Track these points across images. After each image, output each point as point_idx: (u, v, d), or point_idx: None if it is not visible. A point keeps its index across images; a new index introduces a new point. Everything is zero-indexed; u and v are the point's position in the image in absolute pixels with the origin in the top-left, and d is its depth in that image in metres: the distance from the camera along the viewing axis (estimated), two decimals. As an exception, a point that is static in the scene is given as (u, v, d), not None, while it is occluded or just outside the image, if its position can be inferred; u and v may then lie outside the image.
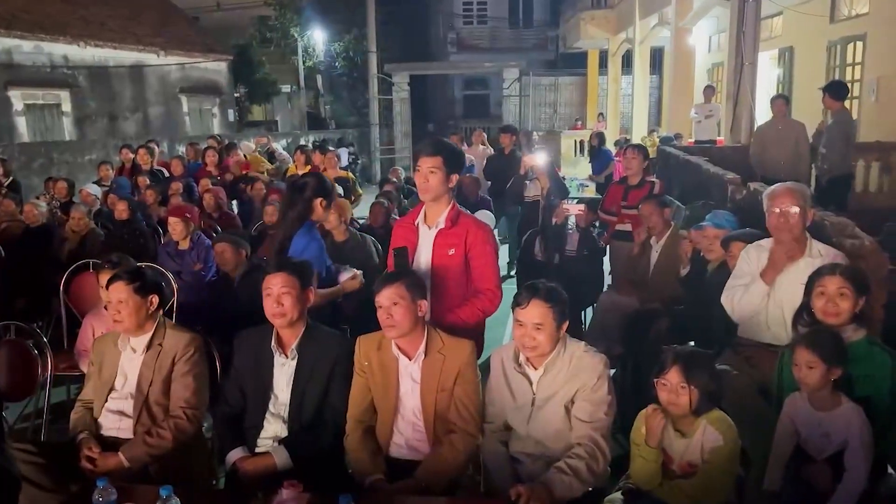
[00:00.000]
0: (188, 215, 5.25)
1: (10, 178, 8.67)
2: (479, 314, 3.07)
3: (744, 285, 3.28)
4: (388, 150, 21.13)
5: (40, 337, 3.62)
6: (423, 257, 3.13)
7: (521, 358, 2.67)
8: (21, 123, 16.01)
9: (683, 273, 4.32)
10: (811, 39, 12.51)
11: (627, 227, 5.59)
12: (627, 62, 19.46)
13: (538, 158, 4.92)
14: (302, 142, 18.94)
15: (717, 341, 3.59)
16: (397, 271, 2.96)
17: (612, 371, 4.06)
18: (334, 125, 26.99)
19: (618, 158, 14.77)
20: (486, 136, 11.05)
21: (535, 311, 2.54)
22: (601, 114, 21.65)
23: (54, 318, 5.36)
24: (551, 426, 2.60)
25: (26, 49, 16.20)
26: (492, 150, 9.91)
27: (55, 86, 16.99)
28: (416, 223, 3.18)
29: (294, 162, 9.50)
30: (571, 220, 5.26)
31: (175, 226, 5.15)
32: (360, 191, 9.26)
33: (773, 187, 3.32)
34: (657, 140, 13.07)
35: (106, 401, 2.94)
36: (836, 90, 7.11)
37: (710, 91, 11.88)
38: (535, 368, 2.63)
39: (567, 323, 2.60)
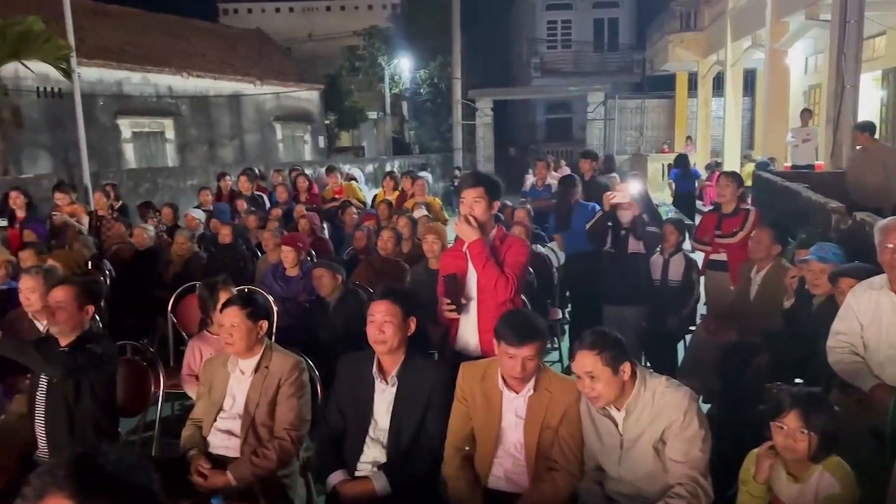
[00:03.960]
0: (300, 244, 5.45)
1: (120, 203, 9.21)
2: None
3: (853, 359, 3.18)
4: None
5: (154, 356, 3.82)
6: (473, 282, 3.27)
7: None
8: (129, 150, 17.07)
9: (787, 305, 4.16)
10: (918, 59, 11.91)
11: (722, 256, 5.43)
12: (718, 84, 19.01)
13: (632, 186, 4.84)
14: (388, 167, 19.35)
15: (822, 379, 3.44)
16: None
17: (708, 406, 3.97)
18: (418, 150, 27.47)
19: (708, 183, 14.53)
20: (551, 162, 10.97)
21: (583, 362, 2.50)
22: (689, 137, 21.21)
23: (158, 336, 5.66)
24: (643, 468, 2.55)
25: (134, 80, 17.30)
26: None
27: (160, 114, 18.04)
28: (464, 250, 3.28)
29: (383, 187, 9.73)
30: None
31: (288, 254, 5.34)
32: (447, 216, 9.38)
33: (885, 221, 3.18)
34: (752, 169, 12.68)
35: (215, 420, 3.08)
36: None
37: (807, 114, 11.46)
38: (619, 410, 2.58)
39: (627, 363, 2.51)
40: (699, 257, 5.68)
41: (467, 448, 2.83)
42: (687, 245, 5.67)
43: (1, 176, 11.29)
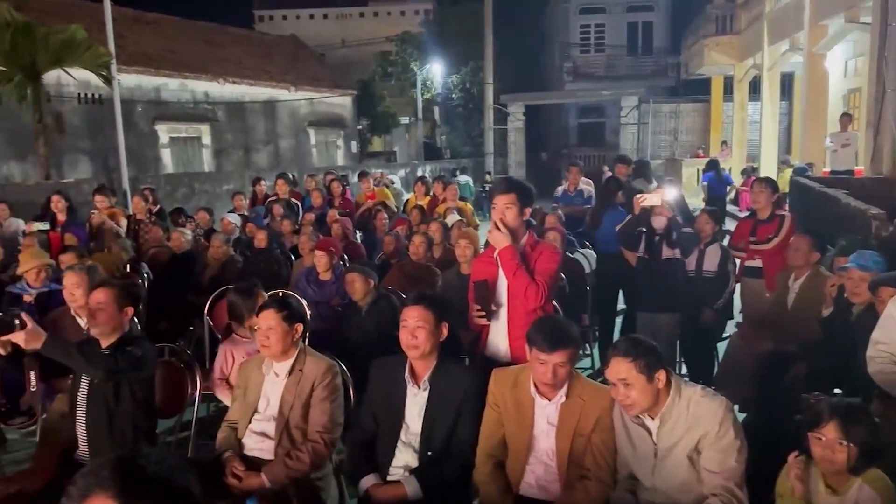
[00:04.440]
0: (332, 249, 5.50)
1: (158, 207, 9.38)
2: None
3: (894, 369, 3.11)
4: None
5: (190, 358, 3.89)
6: (503, 288, 3.28)
7: None
8: (166, 155, 17.41)
9: (826, 314, 4.09)
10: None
11: (758, 263, 5.36)
12: (754, 88, 18.75)
13: (668, 192, 4.78)
14: (419, 172, 19.42)
15: (862, 389, 3.37)
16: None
17: (744, 416, 3.91)
18: (449, 154, 27.56)
19: (744, 188, 14.32)
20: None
21: (617, 368, 2.49)
22: (724, 142, 20.94)
23: (194, 339, 5.74)
24: (677, 477, 2.52)
25: (172, 87, 17.66)
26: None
27: (196, 120, 18.38)
28: (494, 256, 3.28)
29: (414, 192, 9.77)
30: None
31: (321, 258, 5.39)
32: (478, 221, 9.38)
33: (927, 227, 3.11)
34: (789, 174, 12.48)
35: (250, 422, 3.11)
36: None
37: (846, 119, 11.22)
38: (653, 419, 2.56)
39: (662, 371, 2.49)
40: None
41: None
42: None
43: (43, 181, 11.59)
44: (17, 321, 2.92)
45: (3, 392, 4.18)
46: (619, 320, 6.30)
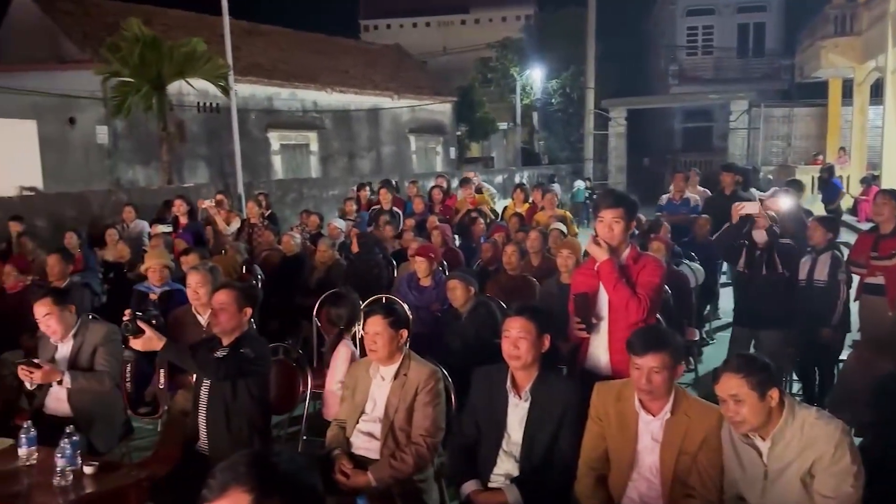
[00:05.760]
0: (432, 255, 5.62)
1: (270, 211, 9.83)
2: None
3: None
4: (600, 186, 21.01)
5: (301, 357, 4.08)
6: (604, 301, 3.24)
7: None
8: (277, 161, 18.21)
9: (954, 337, 3.83)
10: None
11: (879, 280, 5.06)
12: (876, 91, 17.64)
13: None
14: (517, 178, 19.42)
15: None
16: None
17: (860, 440, 3.73)
18: (547, 160, 27.37)
19: (864, 198, 13.49)
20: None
21: (728, 384, 2.44)
22: (842, 148, 19.80)
23: (301, 338, 6.00)
24: (788, 500, 2.45)
25: (283, 96, 18.45)
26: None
27: (305, 128, 19.12)
28: (595, 269, 3.25)
29: (513, 199, 9.78)
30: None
31: (420, 264, 5.51)
32: (576, 229, 9.28)
33: None
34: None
35: (357, 422, 3.25)
36: None
37: (982, 124, 10.39)
38: (764, 439, 2.50)
39: (776, 390, 2.43)
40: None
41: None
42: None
43: (165, 185, 12.39)
44: (153, 321, 3.17)
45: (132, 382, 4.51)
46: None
